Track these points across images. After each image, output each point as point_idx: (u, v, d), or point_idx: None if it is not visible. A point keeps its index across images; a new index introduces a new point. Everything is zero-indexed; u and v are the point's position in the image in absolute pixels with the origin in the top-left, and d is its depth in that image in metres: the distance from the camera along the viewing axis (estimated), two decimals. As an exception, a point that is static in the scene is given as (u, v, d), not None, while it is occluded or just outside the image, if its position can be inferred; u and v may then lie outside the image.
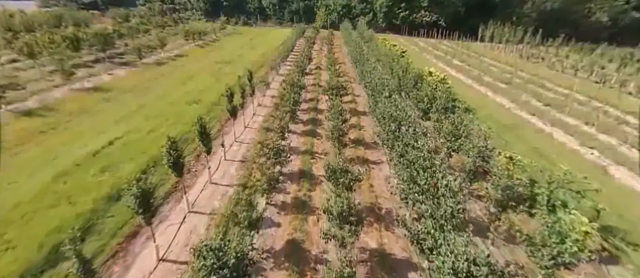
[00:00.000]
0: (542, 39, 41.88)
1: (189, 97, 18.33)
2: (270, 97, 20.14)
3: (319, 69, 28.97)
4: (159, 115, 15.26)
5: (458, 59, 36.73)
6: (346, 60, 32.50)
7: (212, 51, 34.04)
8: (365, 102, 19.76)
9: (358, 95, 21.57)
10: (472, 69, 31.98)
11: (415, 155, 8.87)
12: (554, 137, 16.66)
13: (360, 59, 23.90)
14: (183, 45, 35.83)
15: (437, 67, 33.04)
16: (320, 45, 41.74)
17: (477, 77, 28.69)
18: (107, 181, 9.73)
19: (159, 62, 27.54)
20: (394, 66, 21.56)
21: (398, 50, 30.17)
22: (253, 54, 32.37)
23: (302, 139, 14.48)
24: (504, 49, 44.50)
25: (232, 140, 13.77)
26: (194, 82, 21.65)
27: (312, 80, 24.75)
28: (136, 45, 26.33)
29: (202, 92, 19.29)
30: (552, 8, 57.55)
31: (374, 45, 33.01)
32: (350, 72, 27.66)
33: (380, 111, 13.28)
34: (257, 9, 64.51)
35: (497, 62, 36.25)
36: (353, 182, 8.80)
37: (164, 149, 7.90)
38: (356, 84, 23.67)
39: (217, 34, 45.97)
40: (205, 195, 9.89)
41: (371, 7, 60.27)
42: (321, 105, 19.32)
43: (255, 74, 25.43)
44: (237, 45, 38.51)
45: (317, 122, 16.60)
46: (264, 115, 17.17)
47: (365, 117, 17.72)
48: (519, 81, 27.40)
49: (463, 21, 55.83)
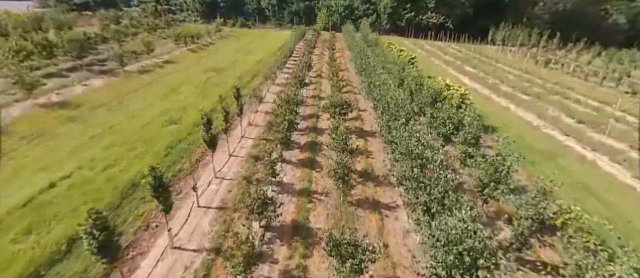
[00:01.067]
0: (560, 42, 39.04)
1: (168, 115, 15.74)
2: (264, 114, 17.54)
3: (320, 76, 26.37)
4: (125, 142, 12.66)
5: (470, 65, 34.04)
6: (349, 66, 29.89)
7: (205, 57, 31.47)
8: (372, 119, 17.15)
9: (364, 110, 18.94)
10: (487, 76, 29.30)
11: (453, 224, 6.22)
12: (599, 165, 13.99)
13: (366, 68, 21.28)
14: (174, 49, 33.27)
15: (448, 74, 30.41)
16: (321, 48, 39.14)
17: (494, 86, 26.02)
18: (26, 252, 7.12)
19: (144, 70, 24.99)
20: (405, 77, 18.93)
21: (406, 56, 27.52)
22: (248, 60, 29.79)
23: (299, 172, 11.86)
24: (517, 53, 41.75)
25: (211, 175, 11.17)
26: (177, 96, 19.07)
27: (312, 91, 22.15)
28: (118, 51, 23.75)
29: (184, 109, 16.68)
30: (565, 9, 54.80)
31: (379, 50, 30.37)
32: (354, 81, 25.05)
33: (395, 142, 10.64)
34: (255, 10, 61.94)
35: (513, 68, 33.53)
36: (364, 262, 6.22)
37: (86, 224, 5.28)
38: (361, 95, 21.03)
39: (213, 37, 43.42)
40: (160, 274, 7.23)
41: (375, 8, 57.61)
42: (322, 123, 16.71)
43: (249, 84, 22.93)
44: (232, 49, 35.95)
45: (316, 147, 13.99)
46: (254, 138, 14.56)
47: (374, 140, 15.09)
48: (541, 91, 24.71)
49: (471, 23, 53.12)
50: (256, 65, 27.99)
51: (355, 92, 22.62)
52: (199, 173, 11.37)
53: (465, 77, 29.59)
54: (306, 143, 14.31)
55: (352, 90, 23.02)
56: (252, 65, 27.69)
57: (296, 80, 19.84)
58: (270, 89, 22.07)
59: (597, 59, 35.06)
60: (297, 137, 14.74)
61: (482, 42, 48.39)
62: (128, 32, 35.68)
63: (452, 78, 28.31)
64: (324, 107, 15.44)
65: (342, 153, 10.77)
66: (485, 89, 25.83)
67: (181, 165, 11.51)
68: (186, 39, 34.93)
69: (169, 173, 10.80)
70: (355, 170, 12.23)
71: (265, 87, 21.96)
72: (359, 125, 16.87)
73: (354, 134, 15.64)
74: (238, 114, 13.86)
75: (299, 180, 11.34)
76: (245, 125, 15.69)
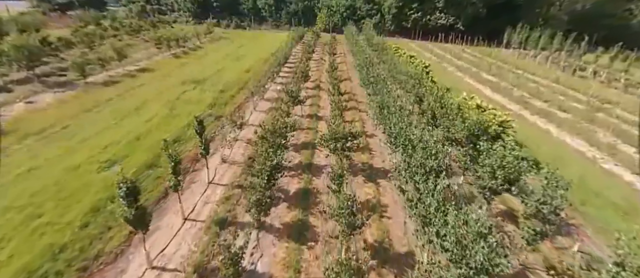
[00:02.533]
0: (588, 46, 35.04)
1: (114, 151, 11.90)
2: (245, 143, 13.69)
3: (319, 87, 22.54)
4: (31, 202, 8.81)
5: (488, 72, 30.15)
6: (352, 75, 26.04)
7: (188, 63, 27.65)
8: (383, 147, 13.30)
9: (372, 135, 15.09)
10: (511, 86, 25.40)
11: None
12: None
13: (374, 82, 17.46)
14: (154, 55, 29.48)
15: (464, 83, 26.54)
16: (321, 53, 35.30)
17: (522, 100, 22.12)
18: None
19: (110, 81, 21.18)
20: (424, 95, 15.09)
21: (419, 64, 23.65)
22: (236, 68, 25.95)
23: (281, 251, 8.03)
24: (538, 58, 37.81)
25: (145, 264, 7.31)
26: (138, 117, 15.24)
27: (308, 108, 18.32)
28: (78, 60, 19.94)
29: (138, 141, 12.79)
30: (584, 9, 50.80)
31: (387, 56, 26.51)
32: (359, 93, 21.20)
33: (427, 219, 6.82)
34: (251, 11, 58.11)
35: (537, 76, 29.57)
36: None
37: None
38: (367, 112, 17.18)
39: (202, 39, 39.63)
40: None
41: (378, 8, 53.68)
42: (319, 157, 12.87)
43: (233, 99, 18.96)
44: (221, 54, 32.11)
45: (310, 199, 10.16)
46: (226, 184, 10.71)
47: (387, 184, 11.22)
48: (579, 107, 20.82)
49: (483, 24, 49.17)
50: (244, 74, 24.13)
51: (360, 108, 18.79)
52: (130, 256, 7.53)
53: (486, 87, 25.70)
54: (297, 192, 10.48)
55: (356, 106, 19.19)
56: (239, 75, 23.83)
57: (289, 96, 16.05)
58: (257, 106, 18.24)
59: (634, 66, 31.01)
60: (285, 182, 10.92)
61: (497, 45, 44.42)
62: (105, 35, 31.90)
63: (471, 90, 24.48)
64: (323, 139, 11.61)
65: (347, 233, 6.96)
66: (513, 103, 21.93)
67: (104, 243, 7.67)
68: (169, 43, 31.11)
69: (76, 263, 6.96)
70: (365, 243, 8.41)
71: (252, 104, 18.14)
72: (367, 158, 13.00)
73: (361, 174, 11.82)
74: (203, 153, 10.01)
75: (280, 268, 7.50)
76: (217, 163, 11.85)
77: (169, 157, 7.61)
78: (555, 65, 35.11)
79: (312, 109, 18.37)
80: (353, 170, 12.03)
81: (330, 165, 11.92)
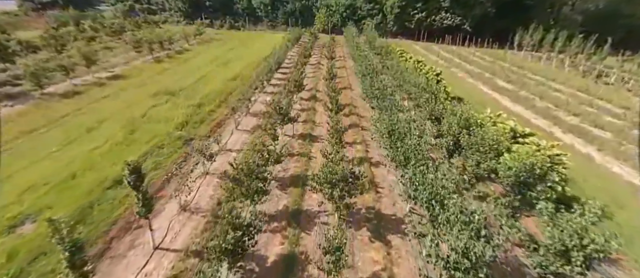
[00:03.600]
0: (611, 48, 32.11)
1: (37, 195, 8.99)
2: (218, 179, 10.77)
3: (314, 98, 19.64)
4: None
5: (502, 78, 27.23)
6: (353, 82, 23.14)
7: (169, 69, 24.74)
8: (395, 198, 10.35)
9: (379, 163, 12.19)
10: (531, 95, 22.51)
11: None
12: None
13: (380, 94, 14.58)
14: (134, 59, 26.57)
15: (479, 92, 23.65)
16: (318, 56, 32.39)
17: (548, 113, 19.23)
18: None
19: (72, 92, 18.29)
20: (444, 115, 12.20)
21: (429, 71, 20.74)
22: (221, 76, 23.01)
23: None
24: (553, 61, 34.89)
25: None
26: (86, 143, 12.29)
27: (301, 126, 15.43)
28: (30, 68, 17.01)
29: (73, 180, 9.85)
30: (598, 8, 47.90)
31: (392, 60, 23.62)
32: (361, 106, 18.30)
33: None
34: (246, 10, 55.12)
35: (557, 82, 26.66)
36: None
37: None
38: (372, 136, 14.26)
39: (191, 41, 36.69)
40: None
41: (380, 8, 50.69)
42: (310, 201, 9.94)
43: (211, 115, 15.70)
44: (208, 58, 29.18)
45: (297, 274, 7.26)
46: (178, 251, 7.80)
47: (402, 245, 8.31)
48: (616, 122, 17.95)
49: (490, 24, 46.24)
50: (229, 83, 21.17)
51: (362, 125, 15.90)
52: None
53: (504, 96, 22.79)
54: (276, 263, 7.59)
55: (357, 121, 16.30)
56: (223, 84, 20.89)
57: (277, 113, 13.19)
58: (240, 123, 15.33)
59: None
60: (262, 243, 8.03)
61: (509, 47, 41.47)
62: (80, 37, 28.97)
63: (487, 100, 21.59)
64: (316, 181, 8.72)
65: None
66: (539, 117, 19.01)
67: None
68: (151, 46, 28.16)
69: None
70: None
71: (234, 121, 15.22)
72: (373, 200, 10.09)
73: (365, 227, 8.94)
74: (140, 214, 7.07)
75: None
76: (174, 213, 8.94)
77: (60, 243, 4.71)
78: (573, 69, 32.23)
79: (306, 127, 15.47)
80: (354, 220, 9.15)
81: (326, 220, 9.08)
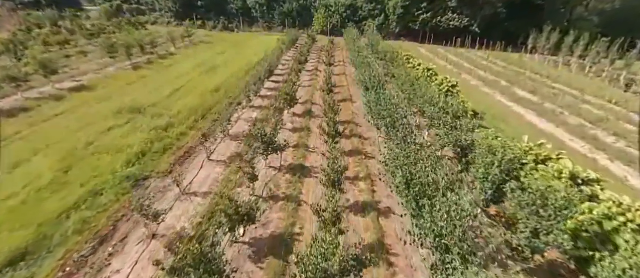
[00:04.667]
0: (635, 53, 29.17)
1: None
2: (164, 250, 7.79)
3: (309, 115, 16.67)
4: None
5: (522, 87, 24.29)
6: (354, 93, 20.17)
7: (146, 77, 21.78)
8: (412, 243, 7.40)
9: (388, 211, 9.22)
10: (559, 109, 19.59)
11: None
12: None
13: (389, 115, 11.64)
14: (108, 65, 23.63)
15: (498, 105, 20.70)
16: (316, 61, 29.43)
17: (582, 131, 16.30)
18: None
19: (20, 108, 15.33)
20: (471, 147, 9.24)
21: (443, 81, 17.78)
22: (202, 86, 20.00)
23: None
24: (573, 67, 31.95)
25: None
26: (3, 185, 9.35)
27: (291, 155, 12.44)
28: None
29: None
30: (615, 8, 45.03)
31: (400, 68, 20.67)
32: (364, 125, 15.32)
33: None
34: (240, 11, 52.15)
35: (584, 92, 23.70)
36: None
37: None
38: (380, 172, 11.28)
39: (178, 44, 33.73)
40: None
41: (382, 8, 47.78)
42: None
43: (179, 141, 12.45)
44: (193, 64, 26.22)
45: None
46: None
47: None
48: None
49: (500, 26, 43.38)
50: (210, 96, 18.16)
51: (366, 152, 12.92)
52: None
53: (528, 110, 19.83)
54: None
55: (361, 147, 13.31)
56: (202, 97, 17.89)
57: (260, 142, 10.27)
58: (213, 153, 12.32)
59: None
60: None
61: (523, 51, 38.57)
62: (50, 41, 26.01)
63: (510, 114, 18.66)
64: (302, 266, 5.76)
65: None
66: (575, 137, 16.06)
67: None
68: (130, 50, 25.18)
69: None
70: None
71: (205, 151, 12.16)
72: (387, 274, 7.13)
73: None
74: None
75: None
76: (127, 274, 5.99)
77: None
78: (595, 75, 29.32)
79: (297, 155, 12.50)
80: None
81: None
